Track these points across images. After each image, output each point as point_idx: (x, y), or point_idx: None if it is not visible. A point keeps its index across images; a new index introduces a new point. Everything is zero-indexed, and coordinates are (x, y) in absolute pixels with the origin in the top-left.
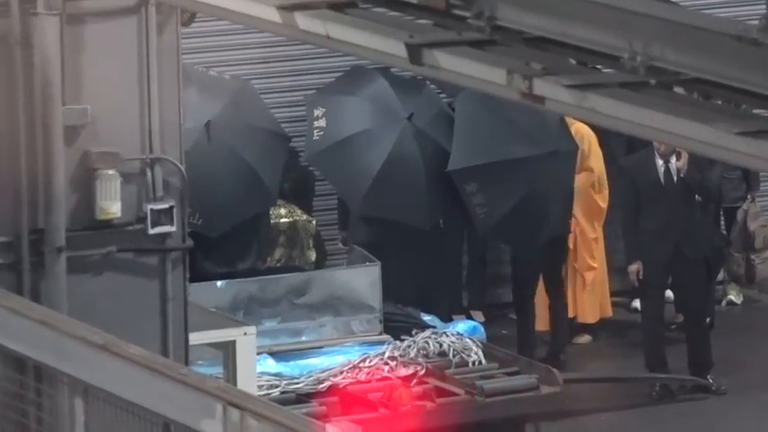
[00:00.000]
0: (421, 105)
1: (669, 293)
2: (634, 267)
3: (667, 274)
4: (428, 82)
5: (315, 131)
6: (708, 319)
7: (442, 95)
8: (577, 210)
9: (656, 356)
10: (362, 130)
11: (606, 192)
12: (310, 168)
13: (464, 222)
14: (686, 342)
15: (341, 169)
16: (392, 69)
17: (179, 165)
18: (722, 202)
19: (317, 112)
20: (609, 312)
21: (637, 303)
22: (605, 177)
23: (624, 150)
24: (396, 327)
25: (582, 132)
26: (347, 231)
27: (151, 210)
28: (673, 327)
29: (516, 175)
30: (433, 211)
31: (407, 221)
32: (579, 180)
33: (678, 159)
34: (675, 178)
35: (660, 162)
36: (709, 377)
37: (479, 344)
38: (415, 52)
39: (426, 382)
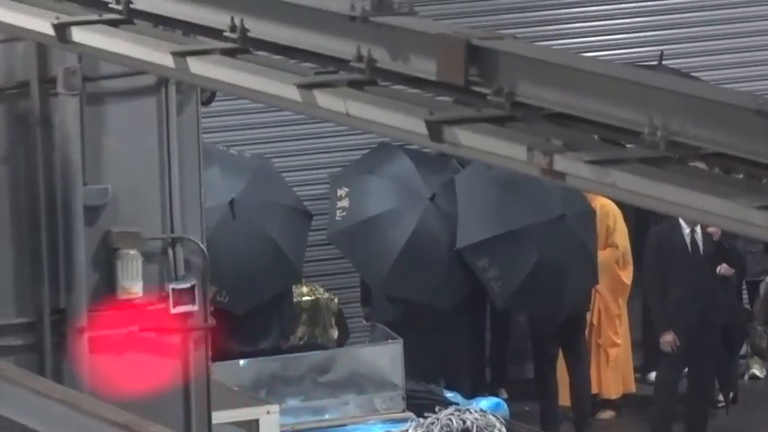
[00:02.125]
0: (445, 183)
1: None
2: (669, 338)
3: (688, 344)
4: (453, 159)
5: (338, 211)
6: (731, 394)
7: None
8: (602, 285)
9: (665, 429)
10: (385, 210)
11: (631, 268)
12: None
13: (485, 298)
14: (687, 412)
15: (363, 249)
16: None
17: (200, 244)
18: (745, 276)
19: (341, 192)
20: (632, 388)
21: (653, 375)
22: (630, 253)
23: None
24: (419, 404)
25: (607, 208)
26: (370, 308)
27: (173, 289)
28: (720, 405)
29: (525, 244)
30: (455, 290)
31: (429, 301)
32: (604, 256)
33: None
34: (701, 246)
35: (687, 230)
36: None
37: (503, 420)
38: (435, 129)
39: None
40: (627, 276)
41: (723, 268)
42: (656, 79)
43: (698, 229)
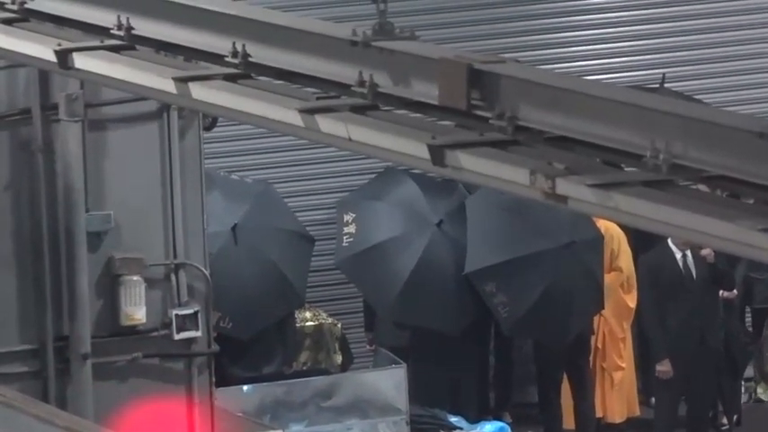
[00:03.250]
0: (451, 209)
1: None
2: (666, 367)
3: (688, 369)
4: (460, 184)
5: (344, 237)
6: (735, 417)
7: None
8: (607, 309)
9: None
10: (392, 236)
11: (635, 292)
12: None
13: (490, 323)
14: None
15: (370, 276)
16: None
17: (203, 269)
18: (749, 301)
19: (347, 218)
20: (636, 411)
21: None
22: (635, 277)
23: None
24: (422, 429)
25: (611, 232)
26: (373, 333)
27: (176, 315)
28: (724, 428)
29: (534, 271)
30: (462, 315)
31: (437, 328)
32: (608, 279)
33: (700, 248)
34: (694, 269)
35: (678, 255)
36: None
37: None
38: (437, 154)
39: None
40: (631, 300)
41: (726, 293)
42: (657, 102)
43: (689, 252)
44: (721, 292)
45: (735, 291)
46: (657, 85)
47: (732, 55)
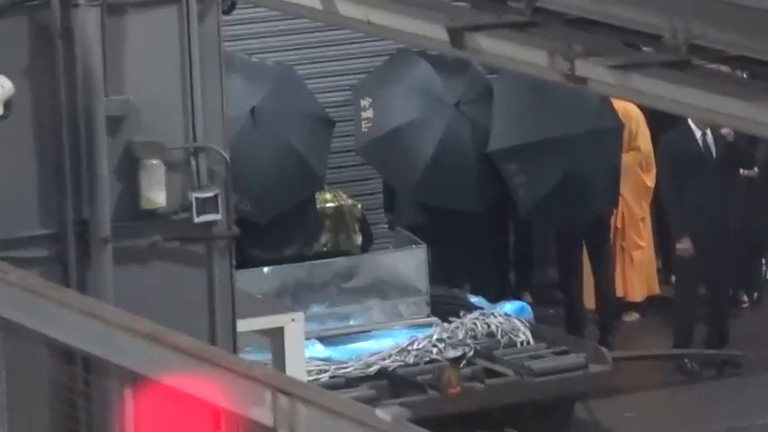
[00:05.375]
0: (467, 87)
1: None
2: (686, 245)
3: (708, 247)
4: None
5: (363, 123)
6: (755, 294)
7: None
8: (625, 189)
9: (686, 333)
10: (410, 120)
11: (654, 171)
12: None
13: (510, 203)
14: (707, 315)
15: (391, 160)
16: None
17: (223, 153)
18: None
19: (364, 103)
20: (656, 290)
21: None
22: (653, 157)
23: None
24: (443, 309)
25: (630, 112)
26: (393, 214)
27: (196, 198)
28: (744, 306)
29: (555, 155)
30: (483, 195)
31: (460, 208)
32: (627, 159)
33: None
34: (714, 148)
35: (698, 134)
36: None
37: (527, 324)
38: (456, 36)
39: (475, 364)
40: (650, 179)
41: (746, 171)
42: None
43: (709, 131)
44: (741, 170)
45: (755, 169)
46: None
47: None
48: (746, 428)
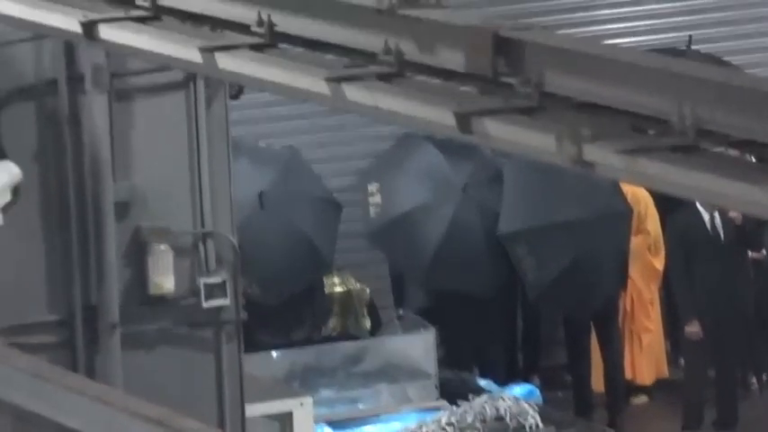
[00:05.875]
0: (475, 171)
1: None
2: (695, 328)
3: (717, 330)
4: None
5: (371, 207)
6: (765, 376)
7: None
8: (634, 272)
9: (695, 417)
10: (418, 204)
11: (663, 254)
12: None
13: (517, 286)
14: (717, 398)
15: (400, 245)
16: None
17: (231, 238)
18: None
19: (372, 188)
20: (665, 373)
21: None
22: (662, 240)
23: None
24: (452, 392)
25: (638, 196)
26: (403, 307)
27: (204, 284)
28: (754, 387)
29: (565, 239)
30: (492, 278)
31: (469, 291)
32: (636, 242)
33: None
34: (722, 231)
35: (707, 216)
36: None
37: (536, 407)
38: (464, 121)
39: None
40: (659, 262)
41: (755, 254)
42: (684, 67)
43: (716, 214)
44: (750, 252)
45: (764, 251)
46: (685, 47)
47: (760, 16)
48: None
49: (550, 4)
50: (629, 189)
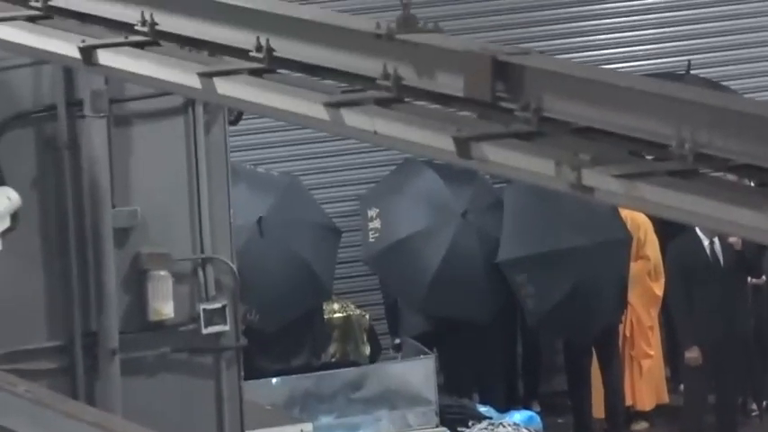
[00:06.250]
0: (474, 196)
1: None
2: (694, 353)
3: (717, 356)
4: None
5: (370, 233)
6: (765, 402)
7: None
8: (634, 297)
9: None
10: (418, 230)
11: (662, 280)
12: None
13: (518, 312)
14: (717, 424)
15: (398, 270)
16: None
17: (230, 264)
18: None
19: (371, 213)
20: (665, 399)
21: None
22: (661, 265)
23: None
24: (452, 418)
25: (638, 221)
26: (399, 336)
27: (204, 309)
28: (754, 414)
29: (565, 266)
30: (491, 304)
31: (468, 317)
32: (635, 268)
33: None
34: (722, 256)
35: (706, 242)
36: None
37: None
38: (463, 146)
39: None
40: (659, 288)
41: (754, 280)
42: (682, 92)
43: (716, 240)
44: (749, 278)
45: (764, 277)
46: (683, 72)
47: (758, 41)
48: None
49: (549, 29)
50: (628, 214)
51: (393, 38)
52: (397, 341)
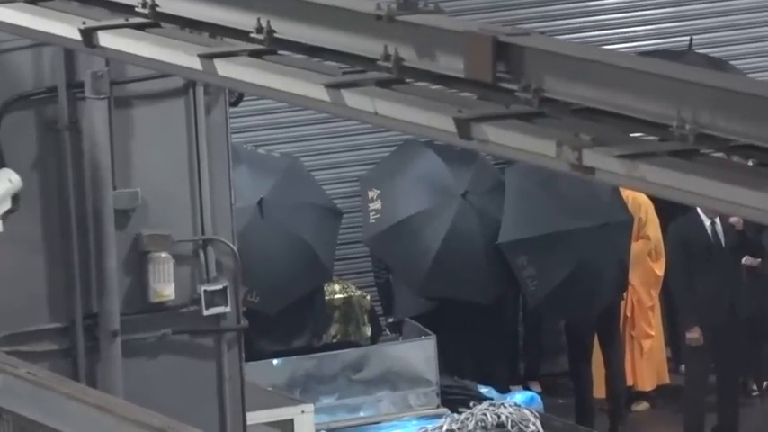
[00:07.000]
0: (475, 178)
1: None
2: (695, 334)
3: (717, 337)
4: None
5: (371, 214)
6: (765, 383)
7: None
8: (634, 278)
9: (696, 422)
10: (418, 211)
11: (663, 260)
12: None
13: (519, 293)
14: (718, 404)
15: (399, 251)
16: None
17: (231, 245)
18: None
19: (372, 194)
20: (666, 379)
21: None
22: (662, 245)
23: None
24: (453, 399)
25: (639, 201)
26: (393, 316)
27: (205, 291)
28: (754, 394)
29: (566, 248)
30: (492, 286)
31: (468, 298)
32: (636, 248)
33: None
34: (723, 236)
35: (707, 222)
36: None
37: (537, 414)
38: (464, 127)
39: None
40: (659, 268)
41: (748, 259)
42: (684, 72)
43: (717, 220)
44: (744, 259)
45: (759, 259)
46: (685, 49)
47: (759, 21)
48: None
49: (549, 9)
50: (629, 194)
51: (394, 19)
52: (391, 320)
